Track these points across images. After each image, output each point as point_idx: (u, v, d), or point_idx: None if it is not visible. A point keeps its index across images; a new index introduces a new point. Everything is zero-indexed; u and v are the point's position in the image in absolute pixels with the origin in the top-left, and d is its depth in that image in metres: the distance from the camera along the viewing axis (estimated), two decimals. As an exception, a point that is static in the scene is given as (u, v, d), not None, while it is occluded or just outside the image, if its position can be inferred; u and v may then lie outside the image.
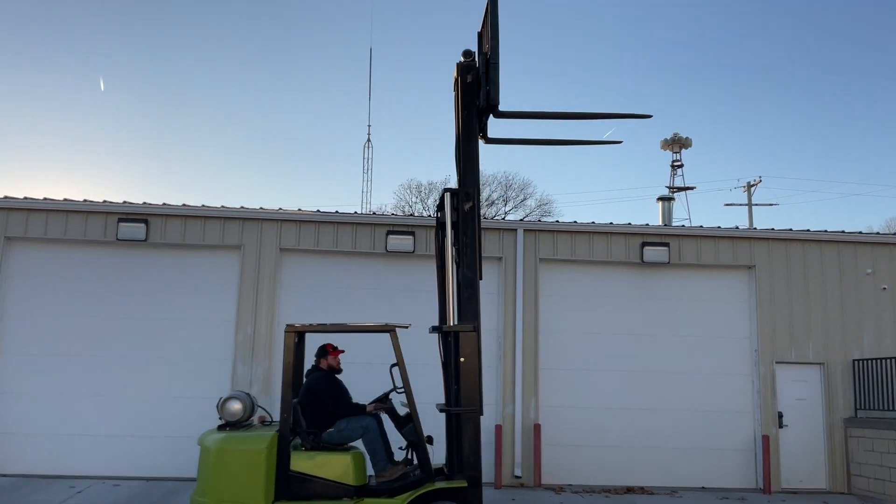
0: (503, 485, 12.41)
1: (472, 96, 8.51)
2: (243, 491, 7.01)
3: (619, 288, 13.58)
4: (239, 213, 13.07)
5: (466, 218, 8.13)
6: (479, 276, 8.20)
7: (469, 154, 8.41)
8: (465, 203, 8.14)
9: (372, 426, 7.57)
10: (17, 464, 12.02)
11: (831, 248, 13.73)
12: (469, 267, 8.04)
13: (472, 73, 8.46)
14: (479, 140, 8.70)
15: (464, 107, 8.46)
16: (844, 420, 13.16)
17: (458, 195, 8.20)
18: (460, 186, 8.36)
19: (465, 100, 8.47)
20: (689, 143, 41.39)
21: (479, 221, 8.29)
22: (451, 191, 8.23)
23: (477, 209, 8.23)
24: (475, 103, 8.51)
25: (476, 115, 8.54)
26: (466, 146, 8.42)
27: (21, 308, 12.55)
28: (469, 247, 8.09)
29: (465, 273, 8.02)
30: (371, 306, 12.90)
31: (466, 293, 7.97)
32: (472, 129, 8.46)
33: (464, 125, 8.42)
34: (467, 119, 8.44)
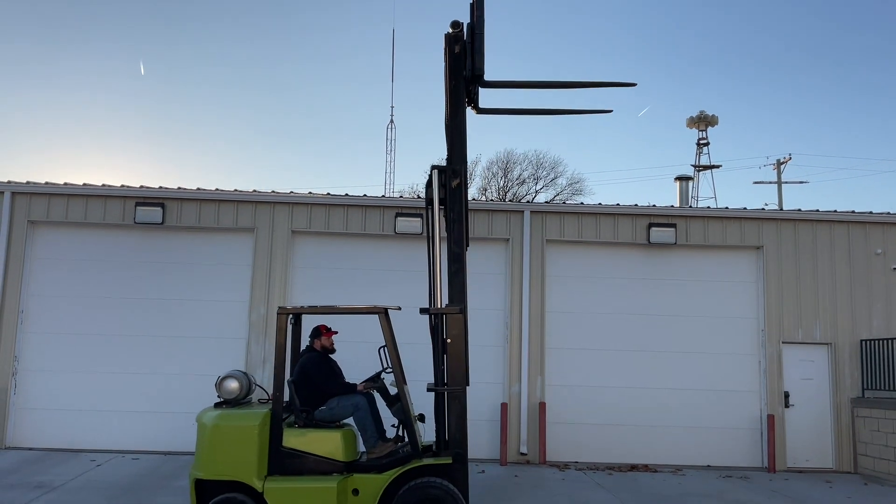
0: (508, 461, 12.69)
1: (460, 67, 8.52)
2: (237, 465, 7.36)
3: (625, 268, 13.69)
4: (252, 196, 13.42)
5: (454, 194, 8.26)
6: (466, 244, 8.32)
7: (457, 125, 8.44)
8: (452, 180, 8.28)
9: (362, 404, 7.86)
10: (39, 438, 12.60)
11: (841, 228, 13.67)
12: (456, 242, 8.20)
13: (459, 44, 8.48)
14: (467, 111, 8.69)
15: (451, 77, 8.52)
16: (852, 400, 13.19)
17: (446, 172, 8.32)
18: (448, 162, 8.46)
19: (452, 70, 8.52)
20: (716, 120, 40.89)
21: (466, 197, 8.42)
22: (439, 168, 8.34)
23: (464, 186, 8.34)
24: (462, 74, 8.57)
25: (464, 85, 8.59)
26: (454, 117, 8.47)
27: (43, 289, 13.07)
28: (456, 222, 8.24)
29: (452, 248, 8.19)
30: (380, 287, 13.17)
31: (454, 267, 8.14)
32: (459, 99, 8.50)
33: (451, 95, 8.48)
34: (455, 89, 8.50)
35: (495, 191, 48.17)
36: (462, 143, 8.47)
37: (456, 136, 8.45)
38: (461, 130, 8.48)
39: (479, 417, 12.92)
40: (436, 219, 8.25)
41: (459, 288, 8.05)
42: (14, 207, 13.06)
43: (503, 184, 48.48)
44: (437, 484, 7.38)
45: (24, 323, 12.92)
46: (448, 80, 8.53)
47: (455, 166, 8.33)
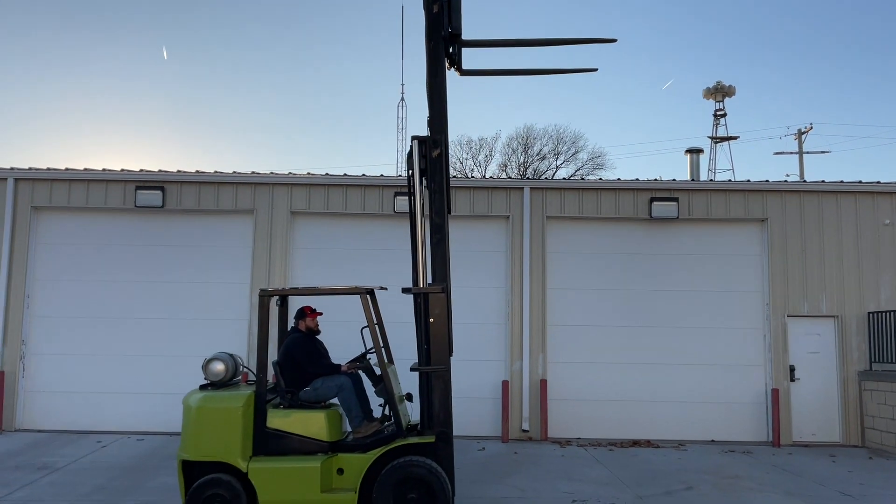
0: (510, 438, 12.71)
1: (438, 27, 8.39)
2: (222, 446, 7.42)
3: (627, 244, 13.56)
4: (251, 178, 13.45)
5: (434, 165, 8.17)
6: (449, 211, 8.21)
7: (436, 87, 8.31)
8: (433, 150, 8.19)
9: (346, 385, 7.88)
10: (46, 420, 12.83)
11: (848, 199, 13.42)
12: (437, 213, 8.12)
13: (437, 3, 8.36)
14: (446, 73, 8.52)
15: (429, 38, 8.38)
16: (859, 373, 13.02)
17: (426, 143, 8.23)
18: (430, 132, 8.35)
19: (430, 31, 8.40)
20: (733, 91, 40.19)
21: (447, 168, 8.32)
22: (419, 138, 8.23)
23: (445, 156, 8.24)
24: (441, 34, 8.44)
25: (443, 46, 8.47)
26: (434, 77, 8.35)
27: (48, 273, 13.24)
28: (437, 193, 8.15)
29: (434, 219, 8.12)
30: (379, 265, 13.16)
31: (436, 238, 8.07)
32: (439, 60, 8.36)
33: (431, 56, 8.38)
34: (434, 50, 8.36)
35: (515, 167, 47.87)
36: (442, 110, 8.32)
37: (436, 101, 8.29)
38: (441, 94, 8.31)
39: (481, 395, 12.95)
40: (417, 191, 8.14)
41: (442, 263, 7.99)
42: (17, 193, 13.21)
43: (523, 159, 48.16)
44: (420, 462, 7.39)
45: (31, 307, 13.11)
46: (427, 41, 8.41)
47: (436, 136, 8.22)
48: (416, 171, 8.16)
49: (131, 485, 9.33)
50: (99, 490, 9.06)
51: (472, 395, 12.84)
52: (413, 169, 8.21)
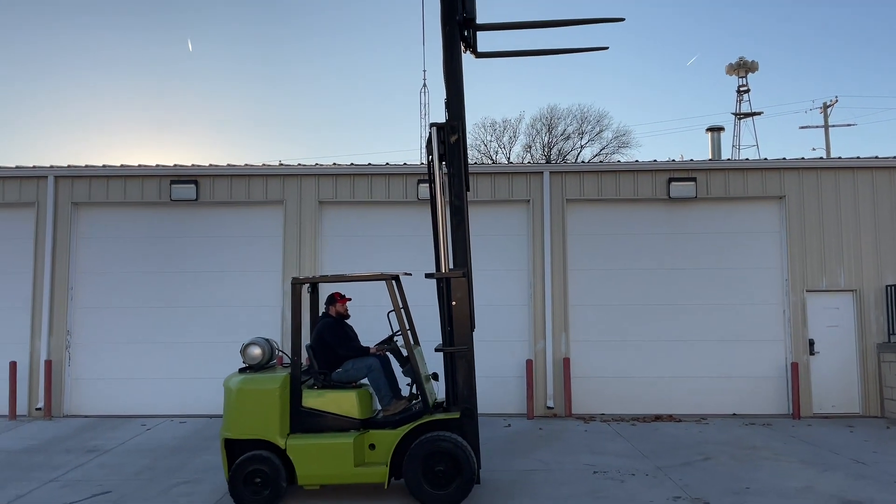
0: (535, 415, 13.13)
1: (453, 12, 8.74)
2: (261, 425, 7.92)
3: (647, 224, 13.85)
4: (279, 170, 13.93)
5: (453, 150, 8.55)
6: (467, 188, 8.57)
7: (453, 71, 8.67)
8: (450, 136, 8.57)
9: (375, 366, 8.33)
10: (92, 406, 13.50)
11: (865, 174, 13.59)
12: (457, 195, 8.51)
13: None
14: (462, 56, 8.85)
15: (444, 23, 8.74)
16: (877, 345, 13.24)
17: (444, 129, 8.62)
18: (447, 119, 8.71)
19: (445, 16, 8.76)
20: (756, 66, 39.95)
21: (464, 152, 8.68)
22: (438, 125, 8.61)
23: (462, 140, 8.61)
24: (456, 18, 8.78)
25: (458, 30, 8.81)
26: (450, 62, 8.71)
27: (89, 266, 13.85)
28: (456, 176, 8.54)
29: (453, 201, 8.52)
30: (404, 251, 13.58)
31: (455, 220, 8.47)
32: (454, 44, 8.71)
33: (446, 41, 8.75)
34: (449, 35, 8.72)
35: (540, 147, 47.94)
36: (459, 93, 8.67)
37: (452, 85, 8.62)
38: (458, 78, 8.65)
39: (506, 374, 13.38)
40: (437, 176, 8.54)
41: (462, 246, 8.38)
42: (58, 190, 13.81)
43: (547, 140, 48.21)
44: (446, 437, 7.83)
45: (74, 299, 13.74)
46: (443, 26, 8.76)
47: (453, 122, 8.59)
48: (436, 157, 8.56)
49: (177, 464, 9.90)
50: (147, 469, 9.63)
51: (498, 374, 13.27)
52: (432, 155, 8.61)
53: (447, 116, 8.70)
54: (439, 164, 8.59)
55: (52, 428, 12.42)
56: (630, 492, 8.29)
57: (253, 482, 7.82)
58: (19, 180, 13.86)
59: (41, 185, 13.82)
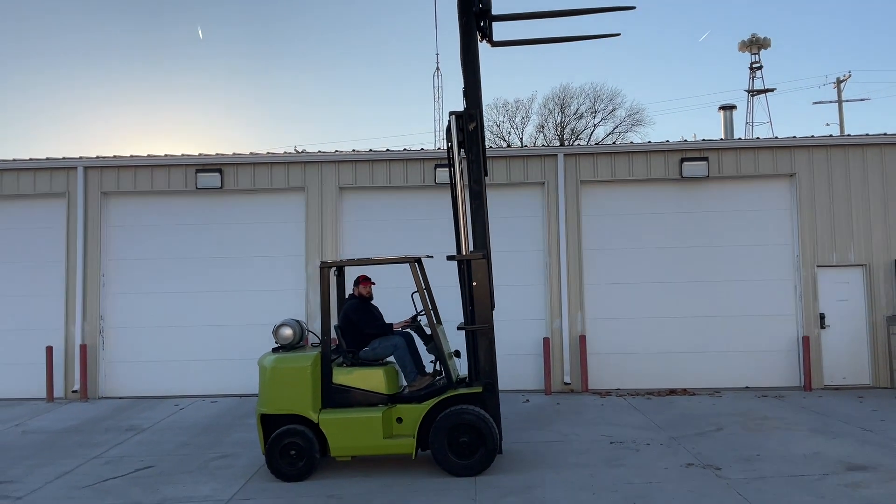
0: (553, 391, 13.55)
1: (470, 4, 9.13)
2: (295, 401, 8.37)
3: (660, 203, 14.17)
4: (301, 157, 14.34)
5: (471, 137, 8.95)
6: (485, 173, 8.96)
7: (470, 60, 9.08)
8: (469, 123, 8.97)
9: (400, 344, 8.76)
10: (126, 388, 14.06)
11: (874, 150, 13.84)
12: (476, 181, 8.91)
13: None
14: (479, 45, 9.26)
15: (461, 14, 9.15)
16: (887, 318, 13.54)
17: (463, 117, 9.01)
18: (465, 107, 9.10)
19: (462, 7, 9.16)
20: (768, 43, 39.91)
21: (482, 138, 9.07)
22: (457, 113, 9.01)
23: (480, 127, 9.00)
24: (472, 10, 9.16)
25: (474, 21, 9.20)
26: (467, 52, 9.12)
27: (120, 253, 14.35)
28: (475, 162, 8.93)
29: (472, 186, 8.92)
30: (424, 233, 14.00)
31: (474, 204, 8.87)
32: (471, 35, 9.11)
33: (463, 32, 9.14)
34: (466, 26, 9.13)
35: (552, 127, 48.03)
36: (476, 82, 9.07)
37: (470, 74, 9.03)
38: (475, 67, 9.06)
39: (524, 351, 13.79)
40: (456, 162, 8.93)
41: (482, 229, 8.78)
42: (87, 180, 14.29)
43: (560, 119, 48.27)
44: (469, 410, 8.26)
45: (106, 285, 14.24)
46: (460, 18, 9.14)
47: (471, 111, 8.99)
48: (455, 144, 8.95)
49: (212, 440, 10.40)
50: (184, 446, 10.13)
51: (516, 352, 13.68)
52: (451, 142, 9.00)
53: (465, 105, 9.07)
54: (458, 151, 8.96)
55: (89, 409, 12.97)
56: (645, 460, 8.71)
57: (288, 454, 8.30)
58: (50, 171, 14.34)
59: (71, 175, 14.30)
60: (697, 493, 7.43)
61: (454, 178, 9.01)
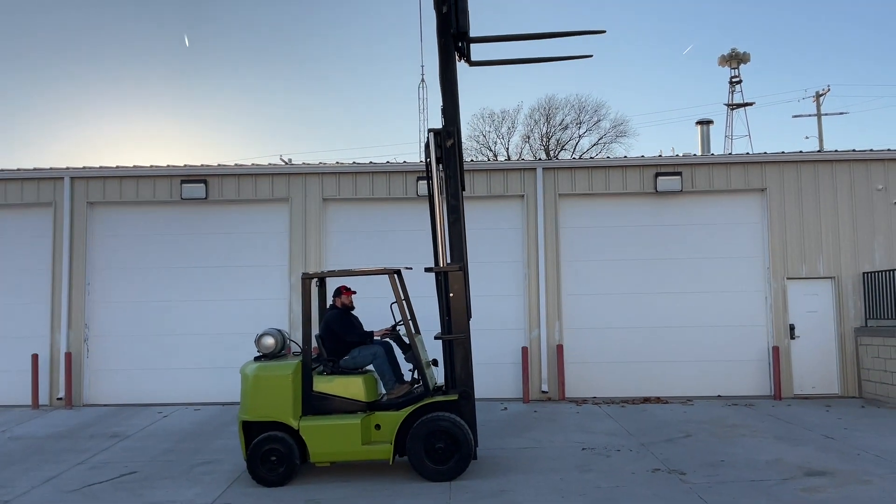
0: (531, 399, 13.87)
1: (448, 26, 9.43)
2: (276, 408, 8.62)
3: (636, 216, 14.55)
4: (285, 168, 14.62)
5: (449, 153, 9.26)
6: (463, 188, 9.24)
7: (448, 79, 9.39)
8: (447, 140, 9.28)
9: (380, 353, 9.06)
10: (110, 396, 14.27)
11: (843, 166, 14.28)
12: (453, 195, 9.22)
13: (446, 4, 9.42)
14: (457, 65, 9.56)
15: (440, 35, 9.46)
16: (855, 329, 13.96)
17: (441, 134, 9.33)
18: (443, 125, 9.42)
19: (441, 29, 9.47)
20: (748, 58, 40.63)
21: (460, 155, 9.38)
22: (435, 131, 9.33)
23: (457, 144, 9.31)
24: (450, 31, 9.48)
25: (452, 42, 9.51)
26: (445, 71, 9.43)
27: (105, 262, 14.57)
28: (452, 178, 9.24)
29: (449, 201, 9.22)
30: (406, 244, 14.29)
31: (451, 218, 9.17)
32: (449, 55, 9.42)
33: (442, 52, 9.45)
34: (444, 47, 9.44)
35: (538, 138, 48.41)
36: (454, 100, 9.37)
37: (448, 93, 9.34)
38: (453, 86, 9.36)
39: (503, 360, 14.11)
40: (434, 177, 9.24)
41: (458, 242, 9.08)
42: (74, 190, 14.51)
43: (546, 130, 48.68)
44: (445, 417, 8.55)
45: (91, 294, 14.45)
46: (438, 38, 9.46)
47: (448, 128, 9.31)
48: (433, 160, 9.26)
49: (195, 447, 10.63)
50: (168, 452, 10.36)
51: (495, 361, 13.99)
52: (430, 158, 9.31)
53: (443, 122, 9.40)
54: (436, 166, 9.28)
55: (74, 416, 13.16)
56: (614, 465, 9.03)
57: (269, 460, 8.55)
58: (37, 181, 14.56)
59: (58, 185, 14.51)
60: (660, 496, 7.76)
61: (432, 193, 9.31)
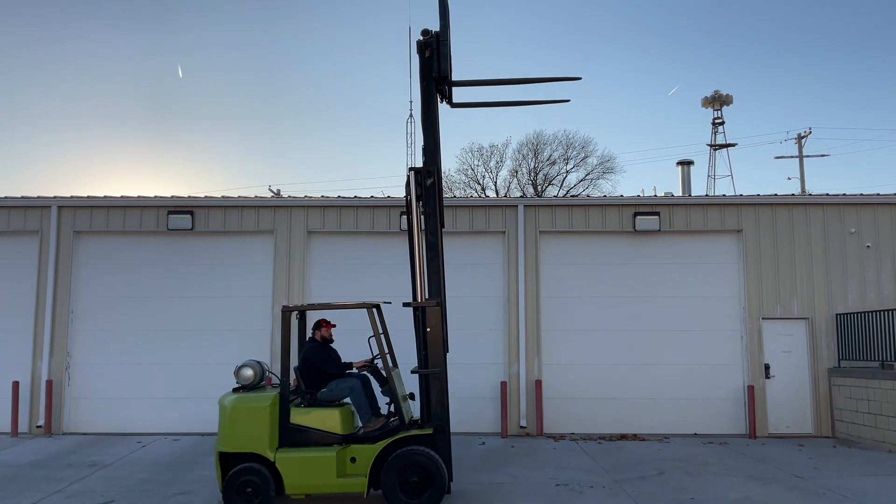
0: (509, 434, 13.99)
1: (430, 69, 9.74)
2: (253, 440, 8.74)
3: (614, 255, 14.81)
4: (271, 201, 14.84)
5: (429, 191, 9.50)
6: (441, 225, 9.46)
7: (429, 120, 9.66)
8: (427, 179, 9.52)
9: (357, 386, 9.20)
10: (90, 424, 14.29)
11: (817, 210, 14.61)
12: (432, 232, 9.43)
13: (428, 49, 9.71)
14: (438, 107, 9.84)
15: (422, 78, 9.78)
16: (828, 370, 14.19)
17: (421, 172, 9.57)
18: (424, 164, 9.66)
19: (423, 72, 9.78)
20: (730, 100, 41.47)
21: (440, 193, 9.62)
22: (415, 169, 9.57)
23: (438, 183, 9.55)
24: (432, 75, 9.78)
25: (434, 85, 9.81)
26: (426, 112, 9.72)
27: (90, 291, 14.68)
28: (431, 215, 9.47)
29: (428, 238, 9.43)
30: (388, 278, 14.46)
31: (430, 254, 9.38)
32: (431, 97, 9.72)
33: (424, 94, 9.75)
34: (426, 89, 9.75)
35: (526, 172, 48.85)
36: (435, 141, 9.64)
37: (429, 134, 9.60)
38: (434, 127, 9.63)
39: (482, 395, 14.24)
40: (414, 214, 9.45)
41: (436, 278, 9.28)
42: (60, 219, 14.66)
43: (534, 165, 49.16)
44: (420, 451, 8.69)
45: (75, 322, 14.53)
46: (421, 81, 9.76)
47: (429, 167, 9.55)
48: (413, 198, 9.49)
49: (172, 477, 10.68)
50: (144, 482, 10.41)
51: (475, 395, 14.13)
52: (410, 195, 9.53)
53: (424, 161, 9.65)
54: (416, 204, 9.50)
55: (52, 444, 13.17)
56: (586, 501, 9.16)
57: (244, 491, 8.64)
58: (24, 210, 14.70)
59: (45, 214, 14.66)
60: (630, 533, 7.89)
61: (412, 230, 9.52)
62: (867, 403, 13.08)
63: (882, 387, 12.69)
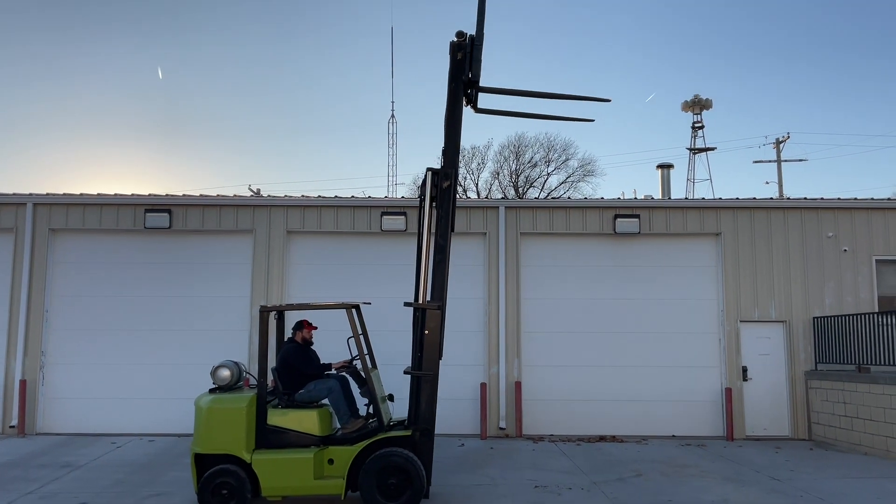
0: (489, 436, 13.96)
1: (460, 72, 9.71)
2: (229, 441, 8.64)
3: (594, 257, 14.84)
4: (250, 200, 14.73)
5: (444, 194, 9.43)
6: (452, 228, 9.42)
7: (453, 122, 9.62)
8: (443, 181, 9.46)
9: (335, 387, 9.13)
10: (66, 424, 14.08)
11: (794, 214, 14.72)
12: (442, 235, 9.37)
13: (462, 52, 9.69)
14: (463, 111, 9.78)
15: (451, 80, 9.73)
16: (805, 373, 14.29)
17: (439, 174, 9.51)
18: (442, 165, 9.60)
19: (453, 74, 9.74)
20: (710, 104, 41.78)
21: (454, 198, 9.56)
22: (433, 170, 9.49)
23: (453, 187, 9.49)
24: (462, 78, 9.74)
25: (462, 88, 9.77)
26: (452, 114, 9.66)
27: (65, 290, 14.48)
28: (443, 218, 9.40)
29: (437, 241, 9.37)
30: (369, 279, 14.43)
31: (438, 257, 9.31)
32: (457, 100, 9.68)
33: (451, 96, 9.71)
34: (454, 91, 9.70)
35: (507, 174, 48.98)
36: (456, 145, 9.58)
37: (451, 136, 9.54)
38: (457, 130, 9.57)
39: (462, 396, 14.20)
40: (425, 215, 9.36)
41: (441, 282, 9.21)
42: (36, 217, 14.45)
43: (515, 167, 49.28)
44: (398, 453, 8.63)
45: (49, 321, 14.34)
46: (449, 83, 9.70)
47: (447, 170, 9.49)
48: (427, 199, 9.40)
49: (147, 479, 10.55)
50: (119, 483, 10.27)
51: (454, 396, 14.07)
52: (424, 196, 9.44)
53: (442, 163, 9.59)
54: (430, 205, 9.39)
55: (26, 445, 12.97)
56: (564, 503, 9.14)
57: (220, 493, 8.54)
58: (-2, 206, 14.49)
59: (20, 211, 14.45)
60: (608, 535, 7.88)
61: (422, 230, 9.42)
62: (844, 406, 13.19)
63: (858, 390, 12.79)
